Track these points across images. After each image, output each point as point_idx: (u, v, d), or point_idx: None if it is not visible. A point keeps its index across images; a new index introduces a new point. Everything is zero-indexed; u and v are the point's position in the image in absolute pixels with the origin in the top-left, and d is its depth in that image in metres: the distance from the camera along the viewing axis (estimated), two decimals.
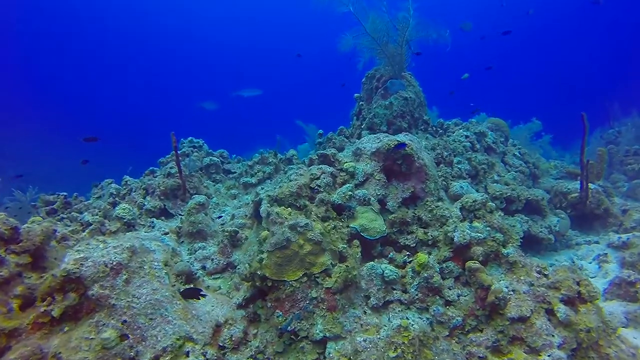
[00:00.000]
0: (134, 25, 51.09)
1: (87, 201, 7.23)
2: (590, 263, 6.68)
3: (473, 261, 3.86)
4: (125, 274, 3.30)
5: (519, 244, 4.68)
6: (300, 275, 3.73)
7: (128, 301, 3.19)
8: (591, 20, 43.73)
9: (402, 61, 7.78)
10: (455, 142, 8.02)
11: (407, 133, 5.95)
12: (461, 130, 8.51)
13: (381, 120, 7.52)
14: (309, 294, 3.70)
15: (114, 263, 3.27)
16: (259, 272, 3.74)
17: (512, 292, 3.74)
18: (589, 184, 7.56)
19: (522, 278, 4.00)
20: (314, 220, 4.10)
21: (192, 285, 4.10)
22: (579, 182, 7.82)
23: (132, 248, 3.50)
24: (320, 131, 8.59)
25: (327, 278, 3.79)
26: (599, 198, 7.67)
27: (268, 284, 3.75)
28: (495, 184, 7.52)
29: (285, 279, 3.72)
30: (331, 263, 3.87)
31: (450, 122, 9.09)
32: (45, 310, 3.03)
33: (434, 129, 8.46)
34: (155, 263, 3.67)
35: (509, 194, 7.03)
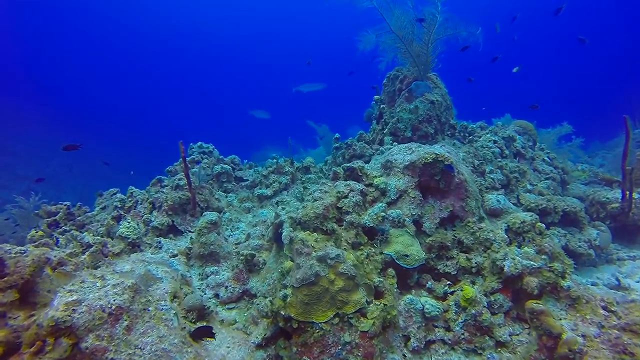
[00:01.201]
0: (146, 27, 50.92)
1: (90, 212, 6.75)
2: (638, 282, 6.06)
3: (535, 301, 3.28)
4: (126, 320, 2.78)
5: (572, 269, 4.10)
6: (331, 315, 3.18)
7: (129, 354, 2.66)
8: (612, 17, 42.71)
9: (428, 61, 7.18)
10: (484, 148, 7.42)
11: (444, 144, 5.38)
12: (489, 135, 7.90)
13: (406, 125, 6.94)
14: (342, 338, 3.15)
15: (113, 307, 2.75)
16: (282, 312, 3.20)
17: (582, 338, 3.15)
18: (633, 194, 6.92)
19: (587, 317, 3.42)
20: (344, 249, 3.54)
21: (204, 323, 3.57)
22: (617, 190, 7.21)
23: (134, 286, 2.98)
24: (337, 135, 8.02)
25: (362, 319, 3.24)
26: None
27: (293, 325, 3.21)
28: (528, 194, 6.92)
29: (314, 320, 3.17)
30: (366, 301, 3.31)
31: (474, 125, 8.48)
32: None
33: (461, 134, 7.87)
34: (162, 302, 3.13)
35: (544, 205, 6.42)
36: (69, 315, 2.58)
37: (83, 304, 2.67)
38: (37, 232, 6.13)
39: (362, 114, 9.75)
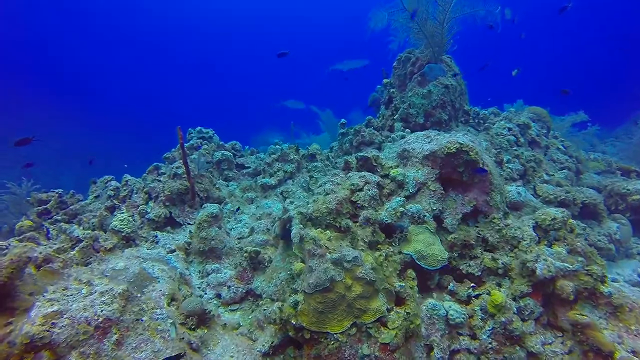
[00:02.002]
0: (143, 19, 49.75)
1: (83, 201, 6.36)
2: None
3: (579, 312, 2.93)
4: (115, 333, 2.41)
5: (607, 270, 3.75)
6: (348, 325, 2.83)
7: None
8: (616, 7, 41.90)
9: (443, 42, 6.69)
10: (499, 135, 7.02)
11: (465, 132, 4.95)
12: (503, 122, 7.48)
13: (418, 110, 6.51)
14: (360, 351, 2.80)
15: (100, 319, 2.38)
16: (293, 321, 2.84)
17: (631, 354, 2.81)
18: None
19: (633, 328, 3.08)
20: (361, 249, 3.17)
21: (205, 330, 3.22)
22: (636, 180, 6.85)
23: (125, 293, 2.60)
24: (343, 120, 7.59)
25: (382, 329, 2.89)
26: None
27: (305, 335, 2.85)
28: (545, 185, 6.53)
29: (329, 331, 2.82)
30: (387, 308, 2.95)
31: (486, 112, 8.06)
32: None
33: (475, 120, 7.45)
34: (158, 310, 2.77)
35: (563, 197, 6.04)
36: (48, 330, 2.21)
37: (65, 316, 2.30)
38: (24, 221, 5.76)
39: (364, 98, 9.28)
